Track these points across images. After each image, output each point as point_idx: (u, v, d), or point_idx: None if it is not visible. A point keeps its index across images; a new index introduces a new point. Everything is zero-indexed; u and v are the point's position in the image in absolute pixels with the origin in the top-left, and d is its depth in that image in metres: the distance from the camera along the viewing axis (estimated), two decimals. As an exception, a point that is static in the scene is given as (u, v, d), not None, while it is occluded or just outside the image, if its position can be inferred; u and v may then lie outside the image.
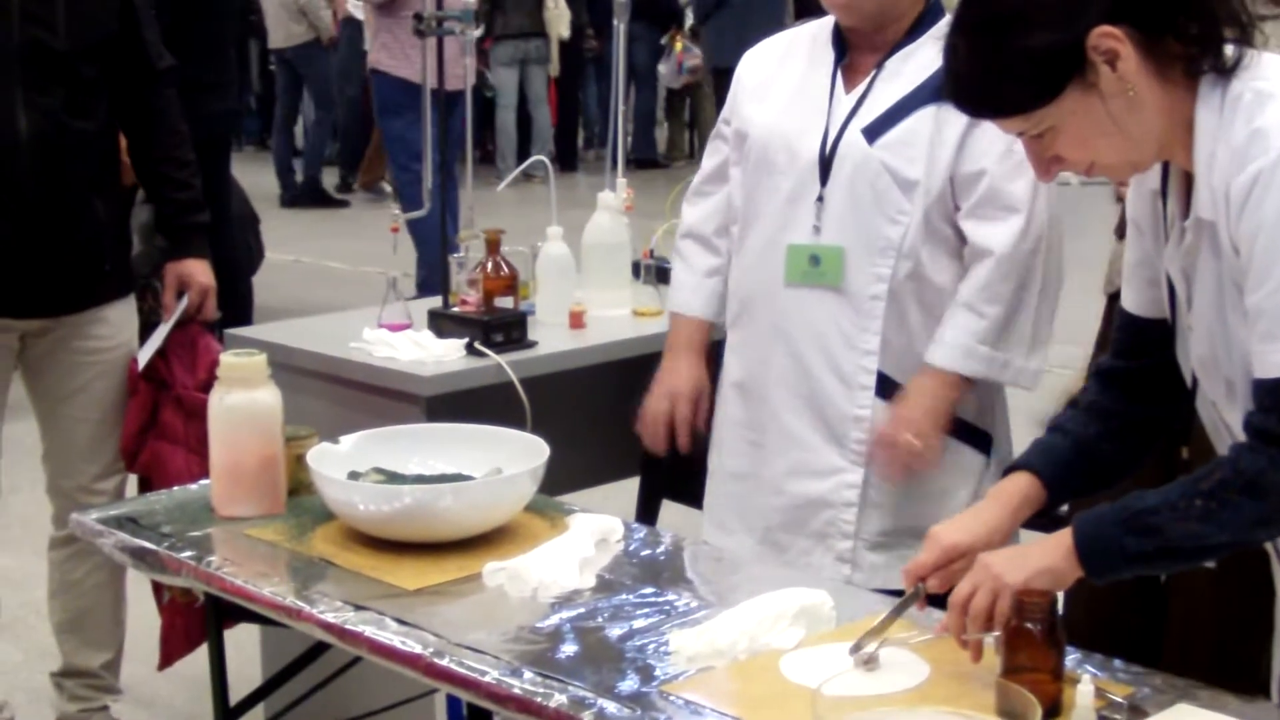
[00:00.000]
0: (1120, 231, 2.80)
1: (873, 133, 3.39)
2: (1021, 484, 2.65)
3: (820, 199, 3.42)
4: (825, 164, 3.42)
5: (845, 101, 3.45)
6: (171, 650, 4.28)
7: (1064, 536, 2.44)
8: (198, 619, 3.92)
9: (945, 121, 3.34)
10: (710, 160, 3.77)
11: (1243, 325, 2.36)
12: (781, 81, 3.56)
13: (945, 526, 2.62)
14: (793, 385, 3.48)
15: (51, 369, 4.21)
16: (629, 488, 4.72)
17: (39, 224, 4.02)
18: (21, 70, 3.95)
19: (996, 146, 3.29)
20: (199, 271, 4.31)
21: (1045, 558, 2.44)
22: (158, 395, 4.24)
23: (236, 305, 4.55)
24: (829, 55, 3.49)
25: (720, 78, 5.17)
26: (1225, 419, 2.50)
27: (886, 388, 3.42)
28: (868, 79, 3.44)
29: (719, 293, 3.71)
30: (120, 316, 4.29)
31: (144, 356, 4.21)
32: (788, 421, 3.49)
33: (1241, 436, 2.40)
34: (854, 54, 3.48)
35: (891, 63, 3.43)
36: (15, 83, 3.95)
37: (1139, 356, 2.69)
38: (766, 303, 3.51)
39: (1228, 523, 2.35)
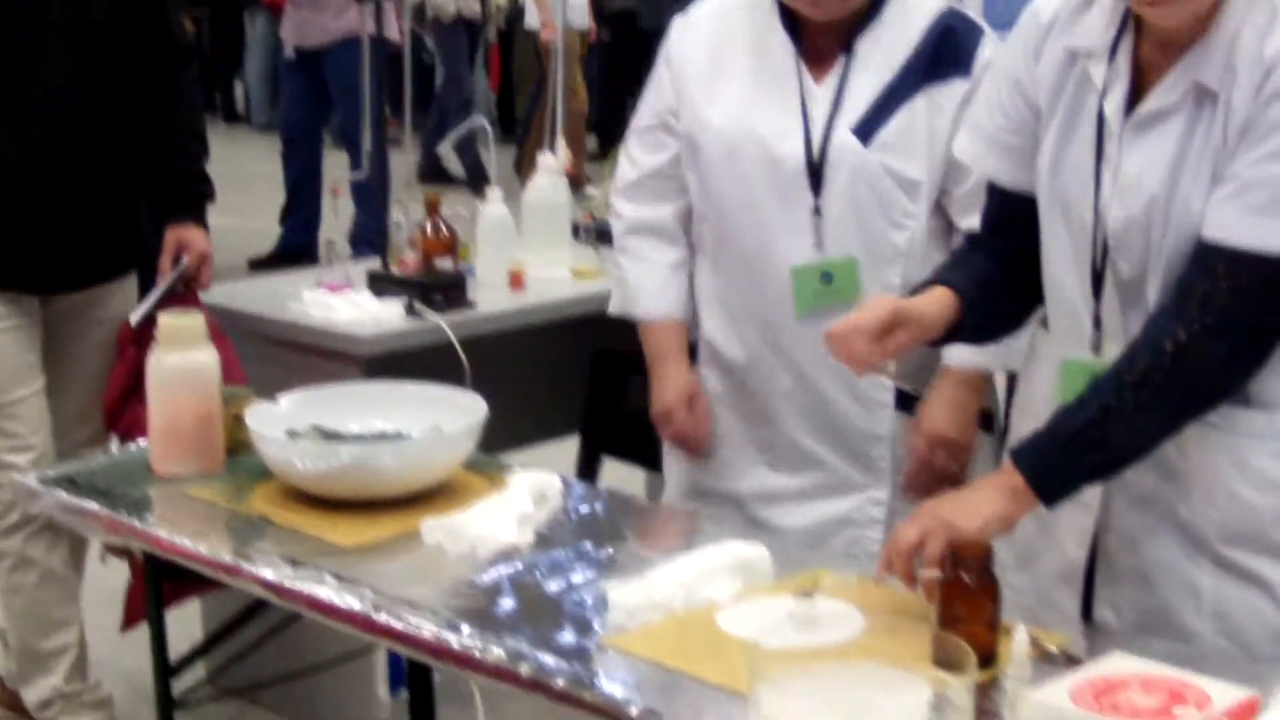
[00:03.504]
0: None
1: (865, 133, 3.21)
2: (939, 292, 2.68)
3: (818, 211, 3.24)
4: (815, 171, 3.23)
5: (820, 96, 3.24)
6: (136, 612, 4.25)
7: (1008, 478, 2.46)
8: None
9: (936, 109, 3.21)
10: (653, 156, 3.48)
11: (1197, 192, 2.42)
12: (730, 71, 3.33)
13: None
14: (804, 406, 3.31)
15: (58, 335, 4.20)
16: (570, 446, 4.73)
17: (64, 196, 4.04)
18: (56, 42, 3.99)
19: None
20: (199, 238, 4.29)
21: (994, 503, 2.46)
22: (145, 360, 4.24)
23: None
24: (779, 37, 3.27)
25: (646, 41, 5.10)
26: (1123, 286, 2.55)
27: (903, 400, 3.31)
28: (838, 68, 3.25)
29: (687, 289, 3.48)
30: (127, 290, 4.31)
31: (136, 315, 4.18)
32: (801, 441, 3.34)
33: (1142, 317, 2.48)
34: (810, 37, 3.26)
35: (861, 47, 3.23)
36: (50, 54, 3.98)
37: (1008, 234, 2.75)
38: (766, 326, 3.33)
39: (1165, 407, 2.42)
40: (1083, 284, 2.60)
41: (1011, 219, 2.73)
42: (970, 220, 3.17)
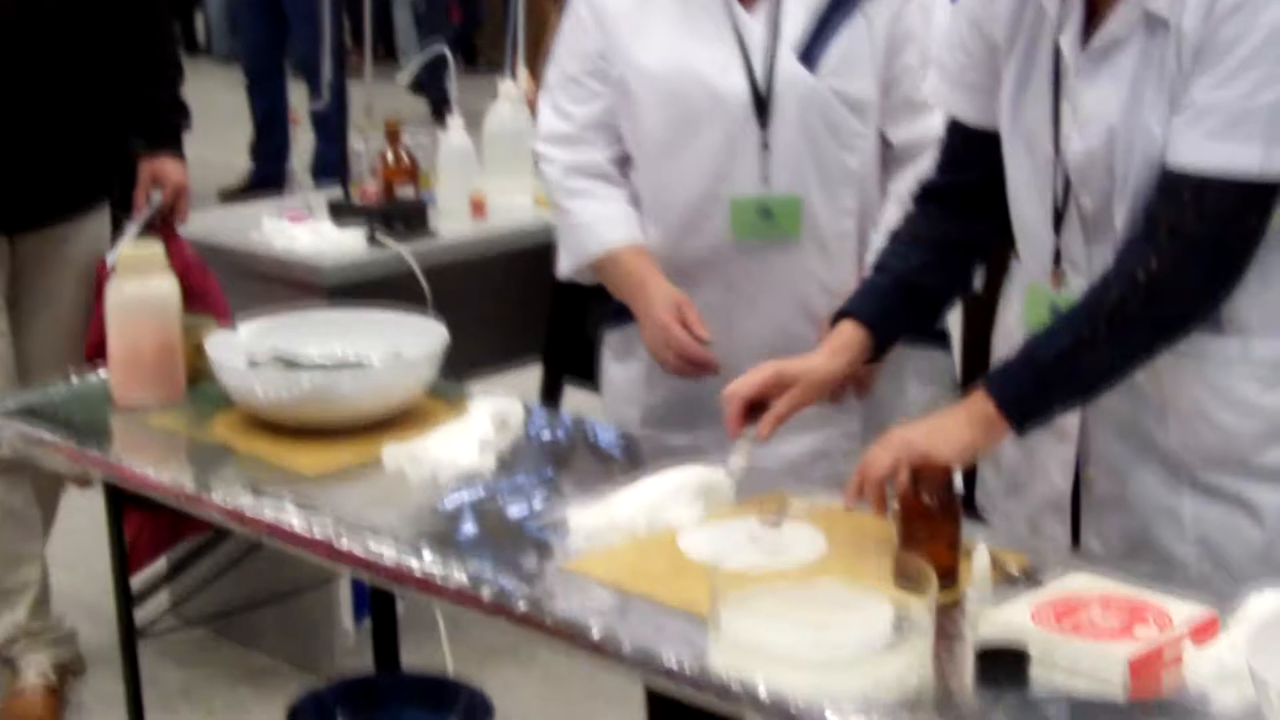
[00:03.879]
0: None
1: (810, 58, 3.12)
2: (846, 333, 2.72)
3: (765, 145, 3.13)
4: (761, 103, 3.13)
5: (754, 25, 3.13)
6: (139, 556, 4.22)
7: (980, 405, 2.45)
8: (163, 529, 3.89)
9: (872, 22, 3.12)
10: (584, 107, 3.28)
11: (1155, 120, 2.41)
12: (655, 8, 3.18)
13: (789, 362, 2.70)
14: (768, 342, 3.10)
15: (25, 275, 4.16)
16: (533, 372, 4.73)
17: (26, 128, 4.00)
18: None
19: (915, 47, 3.12)
20: (174, 170, 4.24)
21: (968, 431, 2.45)
22: None
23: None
24: None
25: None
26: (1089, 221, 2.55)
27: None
28: None
29: (640, 223, 3.28)
30: (98, 227, 4.26)
31: (114, 254, 4.15)
32: None
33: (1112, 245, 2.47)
34: None
35: None
36: None
37: (967, 169, 2.76)
38: (714, 264, 3.22)
39: (1139, 336, 2.42)
40: (1045, 219, 2.60)
41: (972, 155, 2.73)
42: (898, 130, 3.18)
